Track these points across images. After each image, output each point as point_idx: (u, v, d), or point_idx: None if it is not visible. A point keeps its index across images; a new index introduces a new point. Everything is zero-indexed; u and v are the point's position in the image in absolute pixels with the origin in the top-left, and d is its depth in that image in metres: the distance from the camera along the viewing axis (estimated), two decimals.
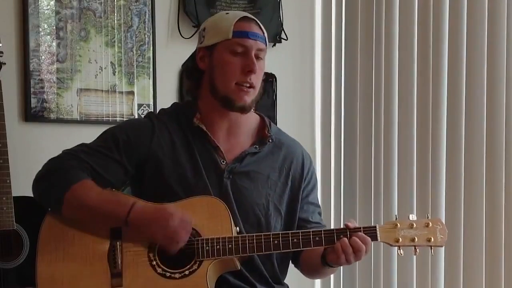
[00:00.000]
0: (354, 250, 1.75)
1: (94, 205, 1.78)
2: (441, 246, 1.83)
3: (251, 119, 1.99)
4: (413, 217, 1.81)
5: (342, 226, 1.83)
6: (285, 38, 3.12)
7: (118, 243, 1.80)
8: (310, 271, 2.01)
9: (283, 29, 3.11)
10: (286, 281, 2.02)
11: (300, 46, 3.23)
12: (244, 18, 1.90)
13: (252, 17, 1.93)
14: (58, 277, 1.79)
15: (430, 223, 1.80)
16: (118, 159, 1.85)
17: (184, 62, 2.03)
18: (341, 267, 2.78)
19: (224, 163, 1.90)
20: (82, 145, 1.89)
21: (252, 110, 1.98)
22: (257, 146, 1.94)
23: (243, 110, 1.88)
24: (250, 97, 1.88)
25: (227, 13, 1.95)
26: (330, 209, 3.13)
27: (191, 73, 1.98)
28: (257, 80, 1.88)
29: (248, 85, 1.86)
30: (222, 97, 1.88)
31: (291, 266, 2.04)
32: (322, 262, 1.83)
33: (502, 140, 2.38)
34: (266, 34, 1.92)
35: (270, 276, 1.93)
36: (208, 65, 1.91)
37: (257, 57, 1.87)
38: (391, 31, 2.83)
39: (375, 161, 2.89)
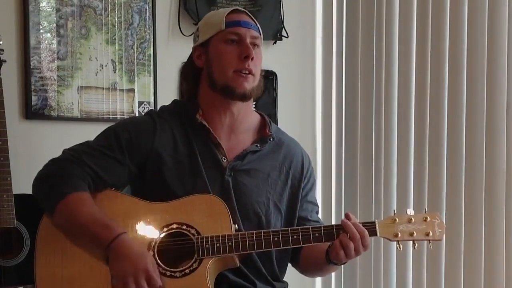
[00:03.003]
0: (351, 238, 1.75)
1: (83, 222, 1.76)
2: (439, 240, 1.83)
3: (252, 117, 1.99)
4: (410, 211, 1.83)
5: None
6: (286, 35, 3.11)
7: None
8: (311, 269, 2.01)
9: (283, 27, 3.11)
10: (287, 279, 2.02)
11: (301, 43, 3.23)
12: (235, 10, 1.92)
13: (242, 9, 1.95)
14: (57, 277, 1.78)
15: (428, 217, 1.81)
16: (121, 160, 1.85)
17: (182, 66, 2.04)
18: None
19: (225, 160, 1.90)
20: (84, 144, 1.88)
21: (253, 109, 1.99)
22: (258, 145, 1.94)
23: (244, 97, 1.88)
24: (250, 84, 1.87)
25: (217, 10, 1.98)
26: (331, 206, 3.13)
27: (189, 73, 1.98)
28: (255, 67, 1.88)
29: (246, 71, 1.86)
30: (221, 87, 1.87)
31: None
32: (327, 260, 1.83)
33: (503, 136, 2.38)
34: (258, 25, 1.93)
35: (269, 273, 1.93)
36: (205, 61, 1.92)
37: (253, 45, 1.88)
38: (391, 28, 2.83)
39: (376, 158, 2.89)
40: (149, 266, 1.71)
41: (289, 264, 2.04)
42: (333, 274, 3.07)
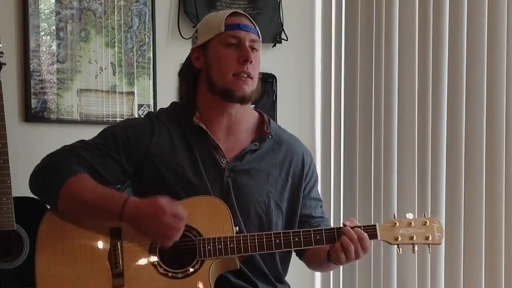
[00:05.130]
0: (349, 240, 1.76)
1: (88, 199, 1.77)
2: (439, 244, 1.86)
3: (250, 116, 1.99)
4: (410, 215, 1.85)
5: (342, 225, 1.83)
6: (285, 38, 3.12)
7: (118, 242, 1.79)
8: (316, 265, 2.03)
9: (283, 30, 3.11)
10: (287, 279, 2.02)
11: (300, 46, 3.23)
12: (235, 13, 1.93)
13: (242, 12, 1.95)
14: (58, 278, 1.78)
15: (427, 221, 1.83)
16: (117, 158, 1.85)
17: (180, 67, 2.04)
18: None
19: (224, 161, 1.90)
20: (81, 141, 1.89)
21: (251, 107, 1.99)
22: (256, 143, 1.95)
23: (243, 100, 1.89)
24: (249, 87, 1.88)
25: (217, 12, 1.99)
26: (330, 207, 3.13)
27: (187, 75, 1.98)
28: (254, 70, 1.89)
29: (245, 75, 1.86)
30: (221, 91, 1.88)
31: (293, 262, 2.04)
32: (328, 259, 1.85)
33: (502, 139, 2.39)
34: (257, 28, 1.94)
35: (272, 274, 1.93)
36: (203, 63, 1.92)
37: (252, 49, 1.88)
38: (391, 31, 2.83)
39: (375, 160, 2.90)
40: (165, 206, 1.73)
41: (290, 264, 2.04)
42: (331, 273, 3.08)
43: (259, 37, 1.94)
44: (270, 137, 1.96)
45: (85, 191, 1.78)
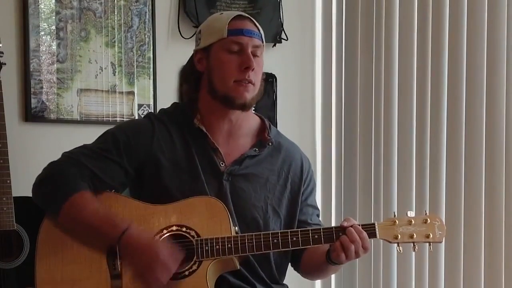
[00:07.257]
0: (351, 241, 1.75)
1: (89, 221, 1.77)
2: (440, 242, 1.83)
3: (251, 121, 1.98)
4: (411, 213, 1.82)
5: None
6: (285, 38, 3.12)
7: (116, 244, 1.79)
8: (313, 271, 2.00)
9: (283, 29, 3.11)
10: (286, 281, 2.02)
11: (301, 46, 3.24)
12: (238, 17, 1.89)
13: (246, 15, 1.92)
14: (57, 279, 1.78)
15: (428, 219, 1.80)
16: (119, 162, 1.84)
17: (183, 67, 2.03)
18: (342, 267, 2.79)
19: (223, 165, 1.90)
20: (82, 147, 1.88)
21: (252, 111, 1.98)
22: (256, 149, 1.93)
23: (244, 107, 1.87)
24: (250, 93, 1.86)
25: (221, 13, 1.95)
26: (331, 209, 3.13)
27: (189, 76, 1.97)
28: (256, 77, 1.87)
29: (247, 82, 1.85)
30: (222, 97, 1.87)
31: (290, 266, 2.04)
32: (327, 260, 1.83)
33: (502, 137, 2.38)
34: (262, 32, 1.91)
35: (267, 276, 1.92)
36: (205, 66, 1.91)
37: (254, 55, 1.86)
38: (391, 31, 2.83)
39: (376, 161, 2.90)
40: (160, 253, 1.71)
41: (289, 266, 2.04)
42: (333, 276, 3.07)
43: (262, 41, 1.91)
44: (270, 143, 1.95)
45: (86, 211, 1.77)
